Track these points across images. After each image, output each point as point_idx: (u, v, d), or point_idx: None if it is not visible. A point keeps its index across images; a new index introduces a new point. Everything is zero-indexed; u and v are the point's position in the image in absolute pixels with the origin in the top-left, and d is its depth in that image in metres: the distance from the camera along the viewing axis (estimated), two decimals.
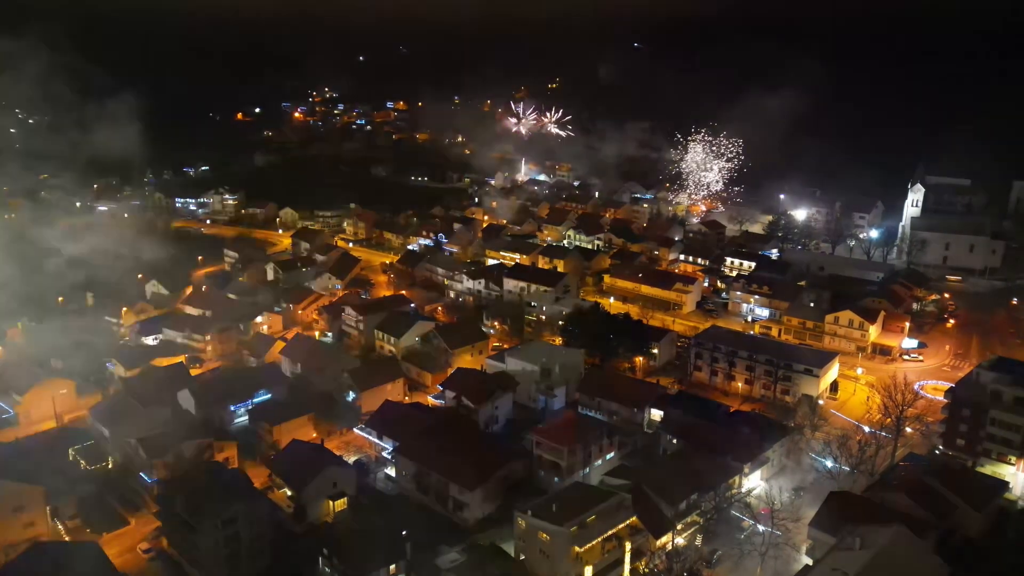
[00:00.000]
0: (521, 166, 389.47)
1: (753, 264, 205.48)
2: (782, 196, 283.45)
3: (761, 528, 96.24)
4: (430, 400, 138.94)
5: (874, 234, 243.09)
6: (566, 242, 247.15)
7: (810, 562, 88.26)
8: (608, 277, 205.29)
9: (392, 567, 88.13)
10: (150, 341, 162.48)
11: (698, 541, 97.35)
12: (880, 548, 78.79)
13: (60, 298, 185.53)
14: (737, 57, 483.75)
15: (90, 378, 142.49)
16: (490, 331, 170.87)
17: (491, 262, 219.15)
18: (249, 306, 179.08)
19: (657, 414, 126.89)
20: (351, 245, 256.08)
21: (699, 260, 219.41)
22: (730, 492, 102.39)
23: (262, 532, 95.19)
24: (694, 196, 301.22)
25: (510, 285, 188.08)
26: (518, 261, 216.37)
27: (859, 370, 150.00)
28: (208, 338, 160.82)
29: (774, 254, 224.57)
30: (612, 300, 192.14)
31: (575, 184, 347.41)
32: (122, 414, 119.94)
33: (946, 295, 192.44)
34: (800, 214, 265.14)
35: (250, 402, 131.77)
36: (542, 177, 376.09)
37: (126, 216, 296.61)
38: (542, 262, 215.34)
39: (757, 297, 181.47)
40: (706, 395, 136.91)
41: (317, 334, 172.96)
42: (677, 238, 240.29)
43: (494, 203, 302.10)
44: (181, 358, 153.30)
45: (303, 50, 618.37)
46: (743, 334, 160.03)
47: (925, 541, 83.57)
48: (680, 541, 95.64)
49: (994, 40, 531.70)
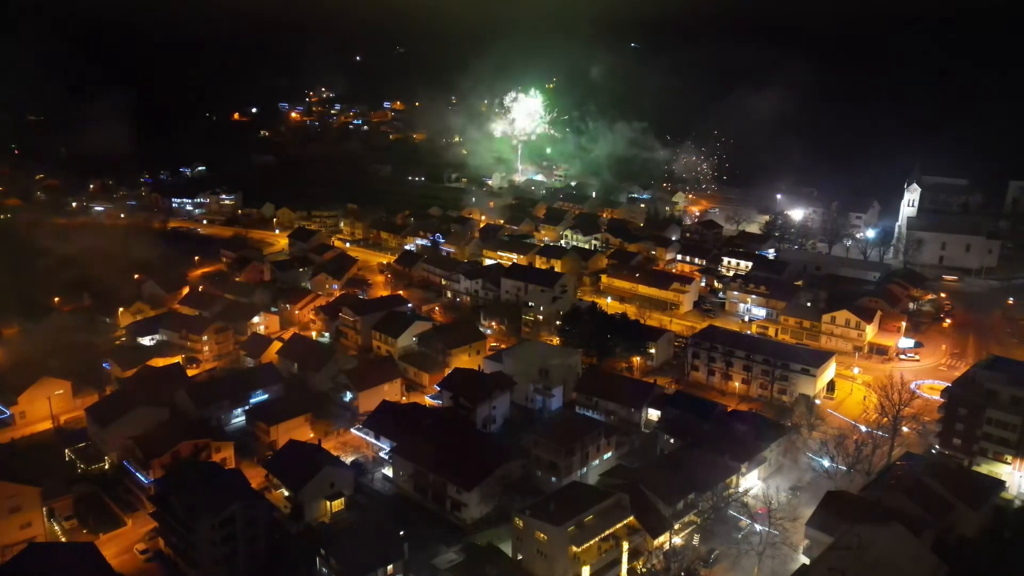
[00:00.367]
0: (518, 166, 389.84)
1: (750, 264, 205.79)
2: (779, 196, 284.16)
3: (758, 527, 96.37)
4: (427, 400, 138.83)
5: (871, 234, 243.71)
6: (563, 242, 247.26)
7: (807, 561, 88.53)
8: (605, 277, 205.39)
9: (390, 567, 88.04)
10: (147, 341, 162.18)
11: (696, 541, 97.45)
12: (877, 547, 79.01)
13: (56, 298, 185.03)
14: (733, 57, 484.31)
15: (86, 378, 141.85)
16: (487, 331, 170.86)
17: (488, 262, 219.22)
18: (246, 306, 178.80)
19: (654, 414, 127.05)
20: (348, 245, 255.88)
21: (696, 260, 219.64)
22: (727, 492, 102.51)
23: (259, 532, 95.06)
24: (690, 196, 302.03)
25: (507, 285, 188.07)
26: (515, 261, 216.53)
27: (856, 370, 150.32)
28: (205, 338, 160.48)
29: (771, 254, 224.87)
30: (609, 300, 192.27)
31: (572, 184, 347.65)
32: (119, 414, 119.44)
33: (942, 295, 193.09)
34: (797, 214, 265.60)
35: (247, 402, 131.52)
36: (539, 177, 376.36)
37: (122, 216, 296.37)
38: (539, 262, 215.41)
39: (754, 297, 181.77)
40: (703, 395, 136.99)
41: (314, 334, 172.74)
42: (674, 238, 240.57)
43: (491, 203, 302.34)
44: (178, 358, 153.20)
45: (300, 50, 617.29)
46: (740, 334, 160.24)
47: (922, 540, 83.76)
48: (677, 541, 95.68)
49: (991, 40, 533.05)
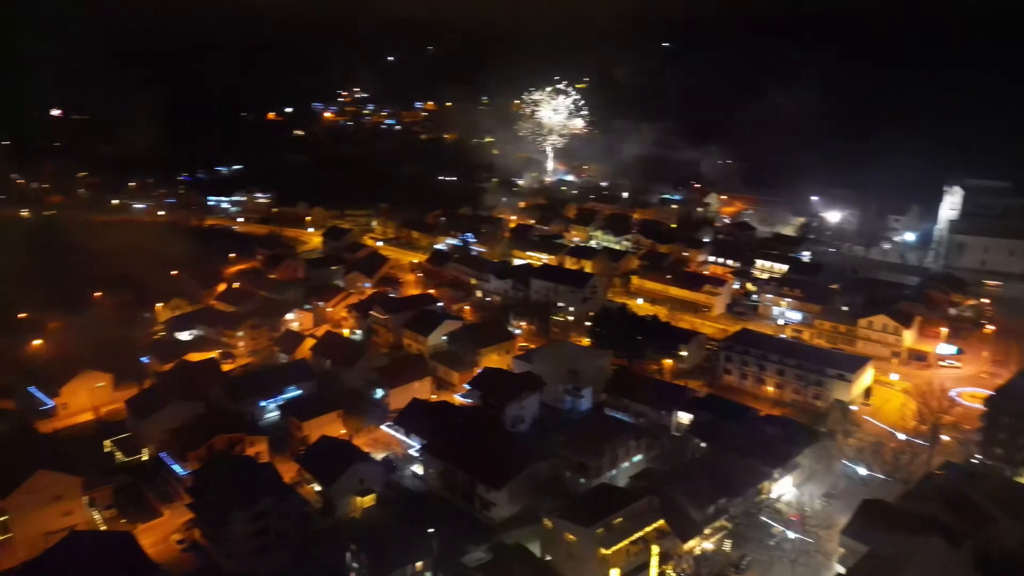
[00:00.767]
0: (548, 166, 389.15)
1: (784, 266, 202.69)
2: (814, 198, 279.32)
3: (791, 534, 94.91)
4: (457, 399, 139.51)
5: (910, 237, 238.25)
6: (594, 243, 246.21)
7: (842, 571, 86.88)
8: (636, 278, 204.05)
9: (418, 564, 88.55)
10: (184, 336, 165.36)
11: (727, 546, 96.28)
12: (915, 559, 77.22)
13: (97, 293, 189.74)
14: (767, 55, 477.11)
15: (126, 371, 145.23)
16: (517, 331, 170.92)
17: (518, 262, 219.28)
18: (280, 303, 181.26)
19: (685, 417, 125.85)
20: (380, 244, 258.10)
21: (729, 262, 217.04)
22: (759, 497, 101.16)
23: (291, 526, 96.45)
24: (723, 197, 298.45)
25: (537, 285, 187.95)
26: (545, 261, 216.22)
27: (894, 376, 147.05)
28: (240, 334, 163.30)
29: (806, 257, 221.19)
30: (640, 301, 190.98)
31: (603, 185, 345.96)
32: (157, 407, 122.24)
33: (984, 300, 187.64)
34: (833, 216, 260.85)
35: (280, 398, 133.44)
36: (570, 177, 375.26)
37: (161, 214, 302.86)
38: (570, 262, 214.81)
39: (789, 300, 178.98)
40: (735, 399, 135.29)
41: (346, 331, 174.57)
42: (707, 239, 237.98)
43: (521, 203, 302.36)
44: (214, 353, 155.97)
45: (334, 51, 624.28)
46: (774, 337, 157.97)
47: (962, 552, 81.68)
48: (708, 546, 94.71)
49: None
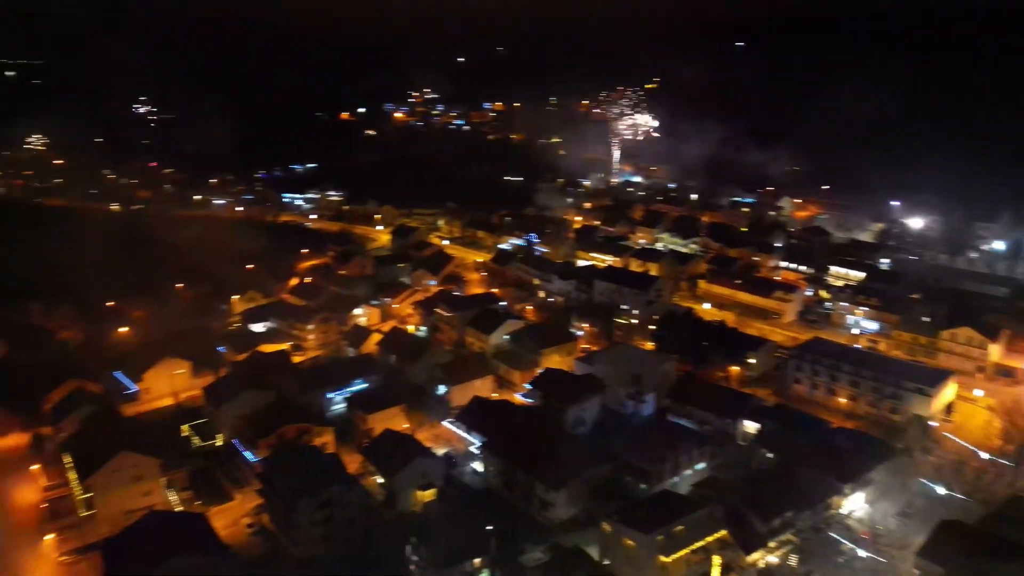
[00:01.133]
0: (614, 167, 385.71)
1: (861, 274, 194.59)
2: (895, 203, 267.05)
3: (862, 553, 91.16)
4: (518, 398, 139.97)
5: (999, 246, 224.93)
6: (660, 245, 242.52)
7: None
8: (703, 282, 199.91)
9: (476, 561, 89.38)
10: (258, 328, 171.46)
11: (792, 561, 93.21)
12: None
13: (178, 284, 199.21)
14: (850, 52, 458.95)
15: (203, 360, 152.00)
16: (579, 333, 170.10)
17: (582, 263, 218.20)
18: (348, 299, 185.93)
19: (751, 426, 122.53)
20: (446, 243, 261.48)
21: (802, 268, 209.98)
22: (829, 512, 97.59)
23: (354, 516, 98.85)
24: (797, 201, 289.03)
25: (601, 287, 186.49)
26: (610, 263, 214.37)
27: (977, 391, 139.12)
28: (310, 327, 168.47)
29: (884, 264, 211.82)
30: (707, 306, 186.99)
31: (670, 186, 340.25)
32: (230, 395, 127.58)
33: None
34: (915, 222, 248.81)
35: (347, 390, 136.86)
36: (636, 178, 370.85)
37: (238, 210, 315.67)
38: (635, 265, 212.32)
39: (865, 309, 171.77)
40: (805, 409, 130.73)
41: (411, 328, 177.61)
42: (779, 244, 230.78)
43: (587, 204, 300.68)
44: (285, 345, 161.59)
45: (405, 52, 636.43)
46: (848, 347, 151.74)
47: None
48: (773, 559, 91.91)
49: None
